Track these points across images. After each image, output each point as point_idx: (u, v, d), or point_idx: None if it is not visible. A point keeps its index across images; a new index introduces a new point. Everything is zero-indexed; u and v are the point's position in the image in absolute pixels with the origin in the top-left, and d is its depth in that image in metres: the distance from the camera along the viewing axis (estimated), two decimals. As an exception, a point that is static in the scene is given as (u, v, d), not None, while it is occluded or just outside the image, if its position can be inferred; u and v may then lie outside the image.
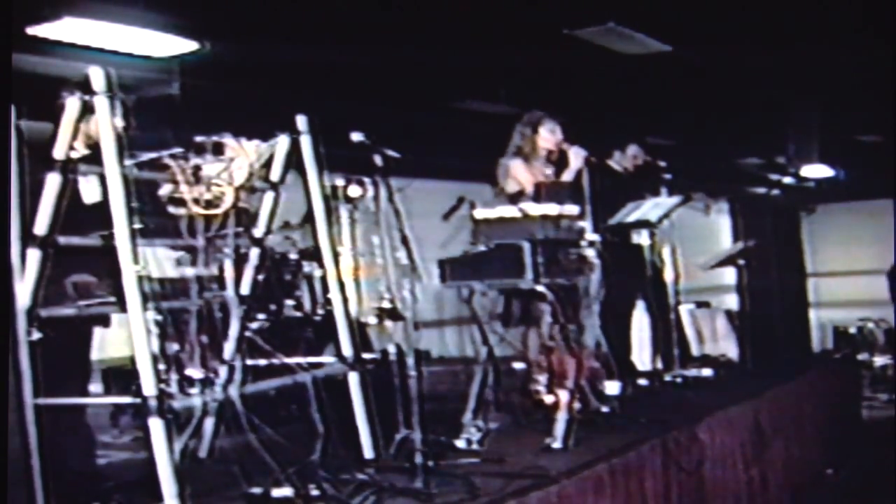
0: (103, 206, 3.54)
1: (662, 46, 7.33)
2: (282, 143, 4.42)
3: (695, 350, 8.61)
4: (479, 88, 8.36)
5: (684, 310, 8.33)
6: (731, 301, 10.07)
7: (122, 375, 4.85)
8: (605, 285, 5.12)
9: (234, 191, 3.91)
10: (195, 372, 3.80)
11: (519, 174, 5.67)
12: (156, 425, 3.41)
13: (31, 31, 5.49)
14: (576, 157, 5.68)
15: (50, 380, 3.58)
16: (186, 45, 6.16)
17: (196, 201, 3.83)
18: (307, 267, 5.62)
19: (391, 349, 4.92)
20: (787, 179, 13.33)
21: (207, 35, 6.10)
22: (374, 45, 6.55)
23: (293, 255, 5.64)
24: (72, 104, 3.64)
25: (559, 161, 5.81)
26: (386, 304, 6.23)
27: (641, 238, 6.61)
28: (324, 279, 4.73)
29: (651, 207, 6.45)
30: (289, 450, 4.03)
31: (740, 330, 9.06)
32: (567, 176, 5.69)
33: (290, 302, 5.48)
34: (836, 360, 10.54)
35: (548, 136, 5.77)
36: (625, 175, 7.04)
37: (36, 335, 3.57)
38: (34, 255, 3.63)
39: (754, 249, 7.93)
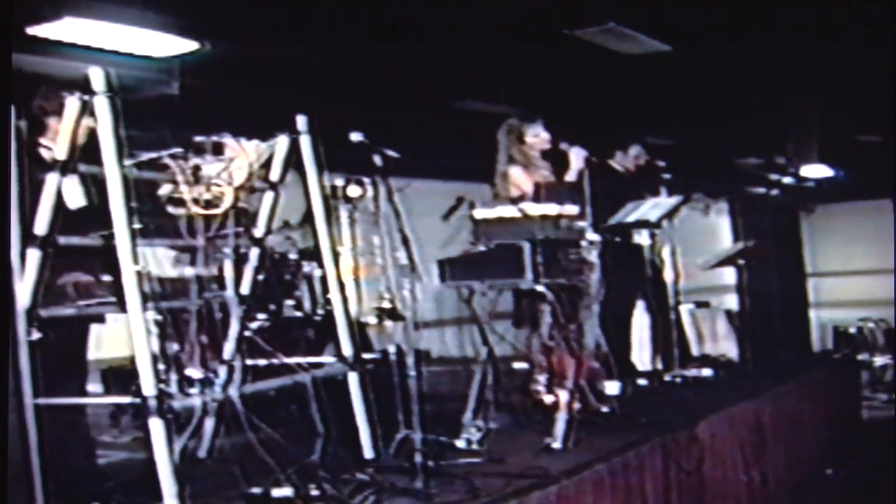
0: (103, 207, 3.54)
1: (662, 46, 7.32)
2: (281, 143, 4.42)
3: (695, 350, 8.61)
4: (479, 88, 8.35)
5: (684, 310, 8.34)
6: (731, 301, 10.09)
7: (122, 375, 4.85)
8: (605, 285, 5.12)
9: (233, 191, 3.91)
10: (195, 372, 3.80)
11: (520, 181, 5.66)
12: (156, 425, 3.41)
13: (31, 31, 5.49)
14: (577, 157, 5.69)
15: (49, 380, 3.58)
16: (186, 45, 6.16)
17: (196, 201, 3.83)
18: (307, 267, 5.61)
19: (391, 349, 4.92)
20: (787, 179, 13.29)
21: (207, 35, 6.10)
22: (374, 45, 6.54)
23: (293, 255, 5.64)
24: (72, 104, 3.64)
25: (560, 161, 5.81)
26: (386, 304, 6.22)
27: (641, 238, 6.61)
28: (324, 279, 4.72)
29: (651, 207, 6.44)
30: (289, 450, 4.03)
31: (740, 330, 9.07)
32: (569, 176, 5.69)
33: (290, 302, 5.48)
34: (836, 360, 10.54)
35: (534, 140, 5.77)
36: (625, 175, 7.04)
37: (36, 335, 3.57)
38: (34, 255, 3.63)
39: (754, 249, 7.93)
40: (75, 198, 3.75)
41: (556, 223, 4.79)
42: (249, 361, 4.12)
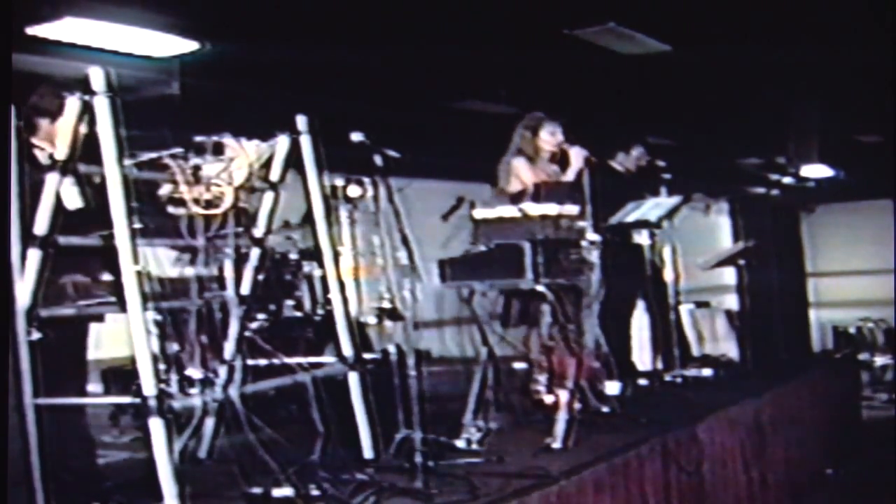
0: (102, 207, 3.54)
1: (662, 46, 7.33)
2: (282, 143, 4.42)
3: (695, 350, 8.61)
4: (479, 88, 8.36)
5: (684, 310, 8.33)
6: (731, 301, 10.08)
7: (122, 375, 4.85)
8: (605, 285, 5.12)
9: (233, 191, 3.91)
10: (195, 372, 3.80)
11: (522, 173, 5.67)
12: (156, 425, 3.41)
13: (31, 31, 5.49)
14: (577, 157, 5.68)
15: (49, 380, 3.58)
16: (186, 45, 6.16)
17: (196, 201, 3.83)
18: (307, 267, 5.62)
19: (391, 349, 4.92)
20: (787, 179, 13.31)
21: (207, 35, 6.10)
22: (374, 45, 6.55)
23: (293, 255, 5.64)
24: (72, 104, 3.64)
25: (560, 161, 5.82)
26: (386, 304, 6.22)
27: (642, 238, 6.61)
28: (324, 279, 4.72)
29: (651, 207, 6.44)
30: (289, 450, 4.03)
31: (740, 330, 9.06)
32: (568, 176, 5.69)
33: (290, 302, 5.48)
34: (836, 360, 10.53)
35: (548, 138, 5.78)
36: (625, 175, 7.04)
37: (35, 335, 3.57)
38: (34, 255, 3.63)
39: (754, 249, 7.92)
40: (72, 199, 3.76)
41: (556, 223, 4.79)
42: (249, 361, 4.12)
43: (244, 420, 3.81)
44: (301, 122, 4.48)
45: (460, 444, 4.75)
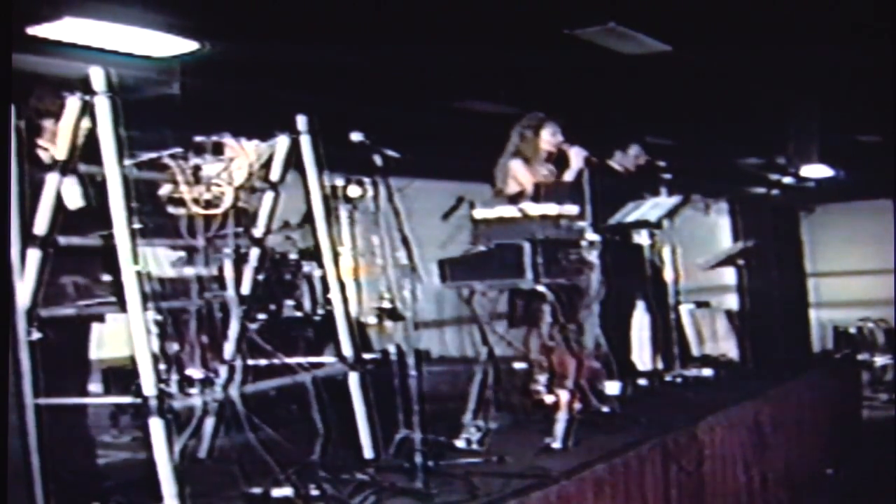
0: (103, 207, 3.54)
1: (662, 46, 7.33)
2: (281, 143, 4.42)
3: (695, 350, 8.61)
4: (479, 88, 8.36)
5: (684, 310, 8.33)
6: (731, 301, 10.07)
7: (122, 375, 4.85)
8: (605, 285, 5.12)
9: (233, 191, 3.91)
10: (195, 372, 3.81)
11: (520, 175, 5.67)
12: (156, 425, 3.42)
13: (31, 31, 5.49)
14: (576, 156, 5.69)
15: (49, 380, 3.58)
16: (186, 45, 6.16)
17: (196, 201, 3.83)
18: (307, 267, 5.61)
19: (391, 349, 4.92)
20: (787, 179, 13.31)
21: (207, 35, 6.10)
22: (374, 45, 6.55)
23: (293, 255, 5.64)
24: (72, 104, 3.64)
25: (560, 161, 5.82)
26: (386, 304, 6.22)
27: (641, 238, 6.61)
28: (324, 279, 4.73)
29: (651, 207, 6.44)
30: (289, 450, 4.03)
31: (740, 330, 9.06)
32: (568, 176, 5.70)
33: (290, 302, 5.48)
34: (836, 360, 10.53)
35: (549, 138, 5.79)
36: (625, 175, 7.04)
37: (36, 335, 3.57)
38: (34, 255, 3.63)
39: (754, 249, 7.93)
40: (74, 198, 3.76)
41: (556, 223, 4.79)
42: (249, 361, 4.12)
43: (244, 420, 3.81)
44: (301, 122, 4.48)
45: (460, 444, 4.75)
